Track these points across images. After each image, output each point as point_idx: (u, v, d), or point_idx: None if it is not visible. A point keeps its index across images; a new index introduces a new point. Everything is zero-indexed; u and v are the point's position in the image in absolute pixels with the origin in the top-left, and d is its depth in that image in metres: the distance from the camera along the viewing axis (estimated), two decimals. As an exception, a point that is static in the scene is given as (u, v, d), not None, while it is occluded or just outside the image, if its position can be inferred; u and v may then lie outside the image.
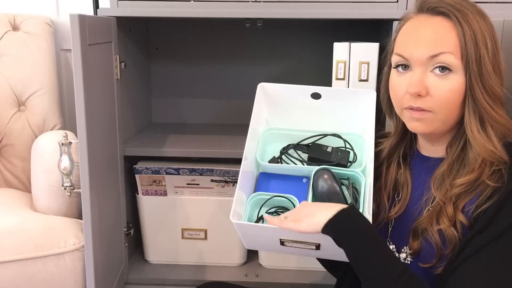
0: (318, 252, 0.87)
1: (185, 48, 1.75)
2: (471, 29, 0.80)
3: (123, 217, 1.44)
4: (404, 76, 0.85)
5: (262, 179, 1.00)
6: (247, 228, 0.89)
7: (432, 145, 0.92)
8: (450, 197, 0.83)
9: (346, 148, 1.00)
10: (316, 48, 1.71)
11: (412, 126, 0.87)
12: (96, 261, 1.19)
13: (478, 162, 0.82)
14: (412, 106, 0.84)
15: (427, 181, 0.90)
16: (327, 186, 0.91)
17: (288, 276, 1.51)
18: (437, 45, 0.81)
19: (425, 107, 0.83)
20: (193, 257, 1.55)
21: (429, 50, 0.81)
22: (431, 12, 0.84)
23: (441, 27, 0.82)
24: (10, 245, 1.27)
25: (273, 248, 0.90)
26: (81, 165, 1.12)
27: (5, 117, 1.65)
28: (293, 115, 1.05)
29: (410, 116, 0.86)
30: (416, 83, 0.82)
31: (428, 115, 0.83)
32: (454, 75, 0.81)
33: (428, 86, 0.82)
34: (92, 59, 1.14)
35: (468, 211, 0.82)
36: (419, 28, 0.85)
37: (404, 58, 0.85)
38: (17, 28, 1.70)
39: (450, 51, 0.80)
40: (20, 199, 1.56)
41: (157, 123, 1.80)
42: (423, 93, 0.82)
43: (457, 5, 0.82)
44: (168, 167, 1.43)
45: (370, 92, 1.01)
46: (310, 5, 1.34)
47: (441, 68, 0.81)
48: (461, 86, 0.81)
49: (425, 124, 0.85)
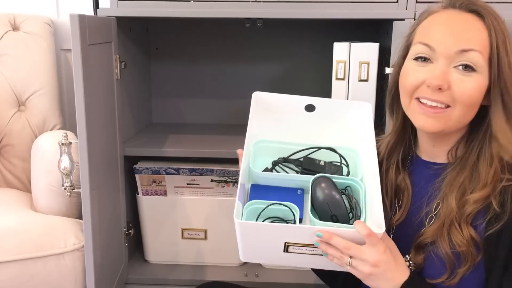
0: (323, 259, 0.83)
1: (185, 48, 1.75)
2: (502, 34, 0.79)
3: (123, 217, 1.44)
4: (423, 68, 0.81)
5: (253, 191, 0.93)
6: (251, 229, 0.83)
7: (433, 146, 0.89)
8: (463, 214, 0.80)
9: (340, 163, 0.96)
10: (316, 48, 1.71)
11: (421, 122, 0.83)
12: (96, 261, 1.19)
13: (491, 175, 0.79)
14: (429, 98, 0.80)
15: (428, 190, 0.87)
16: (326, 194, 0.86)
17: (288, 276, 1.51)
18: (469, 41, 0.78)
19: (445, 100, 0.79)
20: (193, 257, 1.55)
21: (460, 44, 0.78)
22: (463, 8, 0.81)
23: (474, 24, 0.79)
24: (10, 245, 1.27)
25: (274, 256, 0.86)
26: (81, 165, 1.12)
27: (5, 117, 1.65)
28: (286, 126, 1.01)
29: (421, 111, 0.82)
30: (439, 76, 0.78)
31: (443, 112, 0.80)
32: (478, 75, 0.78)
33: (451, 81, 0.79)
34: (92, 59, 1.14)
35: (478, 225, 0.80)
36: (451, 20, 0.81)
37: (430, 48, 0.80)
38: (17, 28, 1.70)
39: (479, 50, 0.78)
40: (20, 199, 1.56)
41: (157, 123, 1.80)
42: (445, 87, 0.78)
43: (485, 6, 0.81)
44: (168, 167, 1.43)
45: (365, 104, 0.98)
46: (310, 5, 1.33)
47: (465, 66, 0.78)
48: (484, 87, 0.79)
49: (436, 121, 0.81)
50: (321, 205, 0.86)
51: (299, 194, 0.93)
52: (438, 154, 0.89)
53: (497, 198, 0.79)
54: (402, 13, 1.28)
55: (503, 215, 0.77)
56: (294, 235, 0.80)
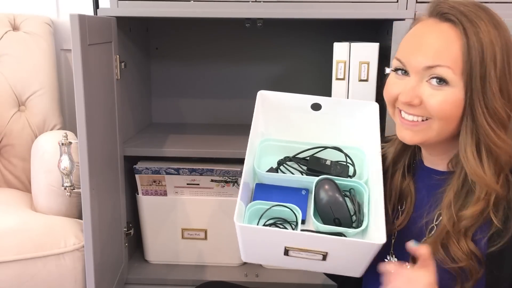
0: (324, 264, 0.83)
1: (185, 48, 1.75)
2: (480, 43, 0.74)
3: (123, 217, 1.44)
4: (400, 81, 0.82)
5: (258, 190, 0.93)
6: (251, 232, 0.83)
7: (429, 154, 0.89)
8: (459, 230, 0.78)
9: (346, 162, 0.96)
10: (316, 48, 1.71)
11: (401, 134, 0.84)
12: (96, 261, 1.19)
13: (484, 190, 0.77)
14: (406, 111, 0.81)
15: (429, 200, 0.86)
16: (330, 197, 0.86)
17: (288, 276, 1.50)
18: (436, 57, 0.77)
19: (420, 113, 0.80)
20: (193, 257, 1.55)
21: (426, 60, 0.78)
22: (440, 17, 0.79)
23: (445, 36, 0.77)
24: (10, 245, 1.27)
25: (274, 258, 0.85)
26: (81, 165, 1.12)
27: (5, 117, 1.65)
28: (292, 125, 1.01)
29: (401, 124, 0.83)
30: (408, 92, 0.80)
31: (423, 125, 0.80)
32: (451, 88, 0.77)
33: (421, 95, 0.79)
34: (92, 59, 1.14)
35: (479, 240, 0.78)
36: (423, 34, 0.80)
37: (402, 64, 0.82)
38: (17, 28, 1.70)
39: (448, 65, 0.76)
40: (20, 199, 1.56)
41: (157, 123, 1.80)
42: (416, 103, 0.79)
43: (471, 14, 0.76)
44: (168, 167, 1.43)
45: (372, 103, 0.98)
46: (310, 5, 1.33)
47: (438, 80, 0.77)
48: (459, 100, 0.77)
49: (416, 135, 0.82)
50: (324, 208, 0.87)
51: (304, 194, 0.93)
52: (438, 162, 0.88)
53: (499, 213, 0.77)
54: (402, 13, 1.28)
55: (505, 232, 0.76)
56: (293, 241, 0.80)
